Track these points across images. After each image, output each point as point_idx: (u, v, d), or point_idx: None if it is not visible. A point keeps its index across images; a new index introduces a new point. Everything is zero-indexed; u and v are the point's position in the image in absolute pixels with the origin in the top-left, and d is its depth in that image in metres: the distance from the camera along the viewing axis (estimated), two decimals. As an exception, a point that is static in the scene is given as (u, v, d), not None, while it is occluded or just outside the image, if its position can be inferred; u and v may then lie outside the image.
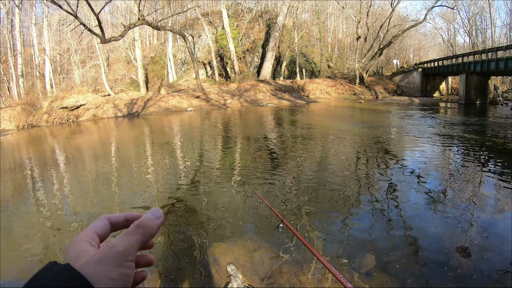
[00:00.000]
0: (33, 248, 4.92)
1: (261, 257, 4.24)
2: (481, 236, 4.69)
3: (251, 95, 31.22)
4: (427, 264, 4.03)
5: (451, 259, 4.09)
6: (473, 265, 3.97)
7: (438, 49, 55.60)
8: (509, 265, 3.97)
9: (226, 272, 3.93)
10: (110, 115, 25.85)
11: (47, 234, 5.38)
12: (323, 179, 7.55)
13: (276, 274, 3.90)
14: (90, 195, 7.33)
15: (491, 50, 23.80)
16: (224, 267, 4.03)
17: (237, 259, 4.18)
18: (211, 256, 4.31)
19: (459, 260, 4.05)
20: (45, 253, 4.75)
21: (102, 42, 19.16)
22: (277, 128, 16.33)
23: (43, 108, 24.81)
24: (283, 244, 4.52)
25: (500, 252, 4.28)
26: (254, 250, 4.40)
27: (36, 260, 4.54)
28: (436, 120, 17.06)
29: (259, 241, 4.66)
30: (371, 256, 4.20)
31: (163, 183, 7.93)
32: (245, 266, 4.04)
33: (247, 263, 4.12)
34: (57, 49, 36.55)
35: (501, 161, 8.91)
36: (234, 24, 39.55)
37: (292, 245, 4.46)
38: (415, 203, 5.94)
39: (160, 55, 40.48)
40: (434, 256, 4.21)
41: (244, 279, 3.77)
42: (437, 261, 4.08)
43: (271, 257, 4.22)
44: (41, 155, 13.14)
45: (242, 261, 4.15)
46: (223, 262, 4.15)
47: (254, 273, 3.93)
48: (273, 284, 3.73)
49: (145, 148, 13.26)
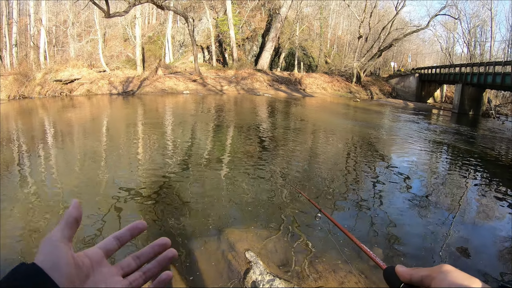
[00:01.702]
0: (15, 222, 4.80)
1: (274, 245, 4.23)
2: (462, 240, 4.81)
3: (248, 84, 31.10)
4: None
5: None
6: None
7: (435, 56, 55.95)
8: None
9: (245, 259, 3.90)
10: (104, 91, 25.52)
11: (29, 209, 5.24)
12: (311, 171, 7.60)
13: (291, 262, 3.90)
14: (76, 172, 7.21)
15: (490, 63, 24.00)
16: (242, 253, 4.00)
17: (252, 246, 4.16)
18: (224, 242, 4.28)
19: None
20: (25, 228, 4.66)
21: (106, 17, 18.79)
22: (272, 119, 16.31)
23: (36, 79, 24.30)
24: (294, 233, 4.54)
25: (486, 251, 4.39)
26: (266, 238, 4.39)
27: (16, 235, 4.42)
28: (429, 125, 17.26)
29: (269, 228, 4.66)
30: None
31: (152, 164, 7.86)
32: (260, 253, 4.03)
33: (262, 250, 4.10)
34: (54, 20, 35.73)
35: (487, 171, 9.07)
36: (236, 11, 39.18)
37: (304, 233, 4.49)
38: (395, 200, 6.03)
39: (158, 35, 39.89)
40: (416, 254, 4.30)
41: (265, 266, 3.75)
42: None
43: (283, 245, 4.23)
44: (30, 127, 12.90)
45: (257, 248, 4.13)
46: (240, 248, 4.12)
47: (269, 260, 3.92)
48: (289, 273, 3.73)
49: (137, 128, 13.11)
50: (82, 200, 5.56)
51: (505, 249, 4.68)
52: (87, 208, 5.19)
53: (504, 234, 5.14)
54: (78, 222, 0.50)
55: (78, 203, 0.51)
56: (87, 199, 5.60)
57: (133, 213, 5.14)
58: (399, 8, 33.10)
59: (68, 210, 0.50)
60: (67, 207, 0.51)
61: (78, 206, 0.51)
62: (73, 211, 0.50)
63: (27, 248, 4.12)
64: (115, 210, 5.18)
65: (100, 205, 5.36)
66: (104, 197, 5.72)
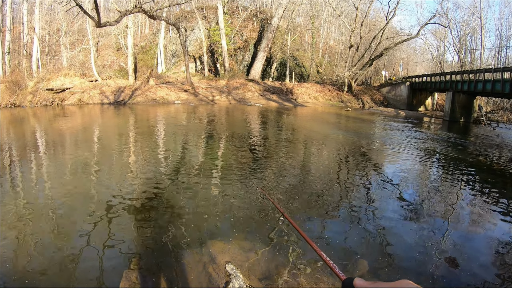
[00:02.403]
0: (3, 236, 4.78)
1: (257, 257, 4.27)
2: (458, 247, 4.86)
3: (239, 94, 31.22)
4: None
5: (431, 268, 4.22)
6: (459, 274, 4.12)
7: (426, 65, 56.65)
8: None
9: (225, 272, 3.93)
10: (96, 101, 25.49)
11: (18, 220, 5.21)
12: (303, 182, 7.67)
13: (274, 274, 3.94)
14: (67, 182, 7.20)
15: (480, 71, 24.32)
16: (223, 266, 4.03)
17: (234, 258, 4.20)
18: (206, 255, 4.31)
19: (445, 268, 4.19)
20: (17, 238, 4.66)
21: (97, 26, 18.87)
22: (263, 130, 16.41)
23: (28, 88, 24.22)
24: (279, 243, 4.58)
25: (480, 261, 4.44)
26: (249, 250, 4.42)
27: (4, 247, 4.38)
28: (420, 133, 17.42)
29: (253, 240, 4.69)
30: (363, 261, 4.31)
31: (144, 174, 7.83)
32: (242, 266, 4.06)
33: (244, 262, 4.14)
34: (47, 29, 35.76)
35: (477, 178, 9.17)
36: (228, 21, 39.50)
37: (289, 244, 4.54)
38: (385, 209, 6.10)
39: (150, 45, 40.00)
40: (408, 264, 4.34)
41: (245, 279, 3.79)
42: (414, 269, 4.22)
43: (266, 257, 4.26)
44: (21, 136, 12.86)
45: (239, 260, 4.16)
46: (221, 260, 4.15)
47: (251, 272, 3.96)
48: (272, 285, 3.77)
49: (129, 138, 13.13)
50: (73, 210, 5.60)
51: (494, 259, 4.70)
52: (77, 218, 5.26)
53: (494, 243, 5.17)
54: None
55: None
56: (78, 209, 5.63)
57: (120, 225, 5.16)
58: (389, 17, 33.53)
59: None
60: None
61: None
62: None
63: (19, 261, 4.14)
64: (102, 219, 5.21)
65: (90, 215, 5.40)
66: (95, 206, 5.74)
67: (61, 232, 4.86)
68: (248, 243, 4.61)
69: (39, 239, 4.65)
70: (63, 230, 4.94)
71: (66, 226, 5.08)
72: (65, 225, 5.12)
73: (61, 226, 5.05)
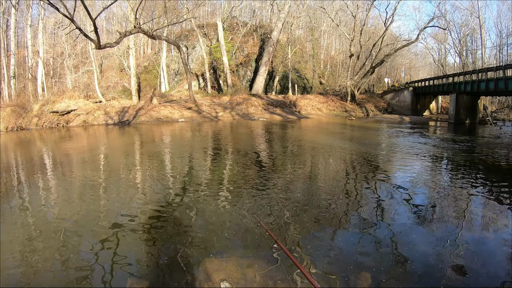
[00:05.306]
0: (13, 254, 4.79)
1: (254, 274, 4.20)
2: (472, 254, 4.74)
3: (243, 109, 31.32)
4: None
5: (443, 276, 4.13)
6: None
7: (428, 69, 56.56)
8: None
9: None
10: (100, 122, 25.71)
11: (28, 241, 5.25)
12: (312, 195, 7.61)
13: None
14: (75, 202, 7.21)
15: (482, 70, 24.26)
16: (218, 283, 3.98)
17: (230, 276, 4.15)
18: (202, 272, 4.27)
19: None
20: (25, 259, 4.65)
21: (97, 48, 19.13)
22: (267, 143, 16.39)
23: (33, 111, 24.58)
24: (276, 263, 4.51)
25: (491, 269, 4.33)
26: (247, 267, 4.36)
27: (13, 265, 4.44)
28: (425, 138, 17.24)
29: (251, 257, 4.63)
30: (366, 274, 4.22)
31: (150, 194, 7.81)
32: (239, 283, 4.01)
33: (240, 280, 4.08)
34: (51, 52, 36.36)
35: (488, 180, 9.01)
36: (228, 37, 39.88)
37: (285, 264, 4.46)
38: (396, 217, 6.01)
39: (153, 65, 40.47)
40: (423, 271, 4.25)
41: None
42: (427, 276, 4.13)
43: (264, 274, 4.19)
44: (28, 159, 12.96)
45: (235, 278, 4.11)
46: (216, 278, 4.10)
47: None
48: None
49: (135, 157, 13.17)
50: (80, 229, 5.63)
51: (504, 267, 4.57)
52: (85, 236, 5.34)
53: (505, 249, 4.97)
54: None
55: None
56: (85, 228, 5.66)
57: (126, 243, 5.14)
58: (388, 23, 33.68)
59: None
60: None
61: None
62: None
63: (26, 277, 4.17)
64: (108, 240, 5.19)
65: (97, 233, 5.43)
66: (101, 226, 5.75)
67: (69, 250, 4.88)
68: (247, 260, 4.54)
69: (47, 257, 4.69)
70: (71, 247, 4.97)
71: (74, 243, 5.12)
72: (73, 242, 5.15)
73: (69, 244, 5.09)
